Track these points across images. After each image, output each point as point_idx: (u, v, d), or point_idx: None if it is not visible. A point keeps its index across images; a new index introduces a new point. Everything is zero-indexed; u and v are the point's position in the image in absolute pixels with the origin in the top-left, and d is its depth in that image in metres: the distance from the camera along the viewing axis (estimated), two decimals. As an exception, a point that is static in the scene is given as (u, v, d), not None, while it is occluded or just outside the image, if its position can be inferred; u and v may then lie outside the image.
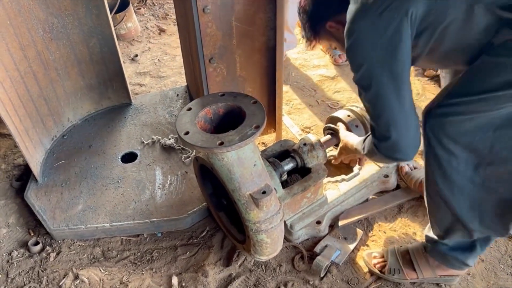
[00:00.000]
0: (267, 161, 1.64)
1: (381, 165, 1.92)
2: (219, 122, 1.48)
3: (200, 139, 1.30)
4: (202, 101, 1.46)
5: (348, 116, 1.78)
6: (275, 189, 1.47)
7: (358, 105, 1.83)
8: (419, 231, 1.74)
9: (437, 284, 1.54)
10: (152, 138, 2.12)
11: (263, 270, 1.63)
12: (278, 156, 1.76)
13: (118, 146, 2.10)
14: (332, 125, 1.80)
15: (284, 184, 1.69)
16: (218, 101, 1.46)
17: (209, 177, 1.73)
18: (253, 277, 1.61)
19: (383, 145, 1.21)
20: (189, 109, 1.43)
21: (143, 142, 2.11)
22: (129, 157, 2.06)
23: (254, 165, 1.39)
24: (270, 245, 1.47)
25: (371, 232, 1.76)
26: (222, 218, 1.74)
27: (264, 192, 1.37)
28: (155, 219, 1.77)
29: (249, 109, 1.39)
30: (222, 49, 1.72)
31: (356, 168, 1.91)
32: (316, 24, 1.33)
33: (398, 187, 1.90)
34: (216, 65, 1.77)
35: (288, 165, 1.68)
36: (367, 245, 1.71)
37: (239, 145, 1.27)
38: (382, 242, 1.71)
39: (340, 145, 1.68)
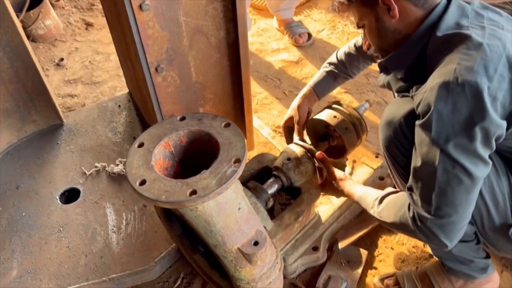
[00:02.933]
0: (246, 187, 1.32)
1: (374, 166, 1.66)
2: (183, 155, 1.14)
3: (163, 189, 0.96)
4: (156, 132, 1.11)
5: (335, 117, 1.49)
6: (265, 227, 1.16)
7: (340, 102, 1.54)
8: (429, 240, 1.51)
9: (465, 307, 1.32)
10: (96, 167, 1.74)
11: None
12: (257, 176, 1.45)
13: (54, 182, 1.70)
14: (326, 120, 1.48)
15: (271, 212, 1.38)
16: (178, 128, 1.11)
17: (176, 217, 1.39)
18: (248, 333, 1.32)
19: (434, 221, 1.00)
20: (141, 144, 1.08)
21: (85, 173, 1.72)
22: (69, 195, 1.68)
23: (239, 209, 1.08)
24: (269, 300, 1.17)
25: (377, 250, 1.51)
26: (198, 262, 1.42)
27: (256, 243, 1.06)
28: (114, 275, 1.43)
29: (221, 136, 1.06)
30: (170, 53, 1.36)
31: (347, 171, 1.63)
32: None
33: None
34: (165, 74, 1.40)
35: (273, 189, 1.38)
36: (375, 268, 1.46)
37: (218, 192, 0.95)
38: (391, 261, 1.47)
39: (329, 182, 1.38)
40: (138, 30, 1.25)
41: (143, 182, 0.99)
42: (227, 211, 1.05)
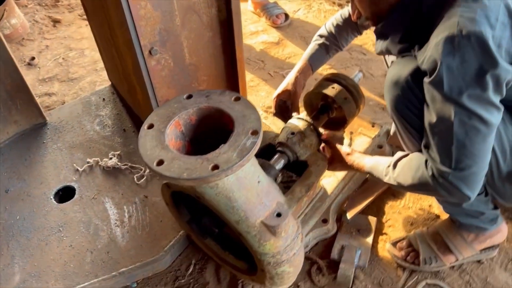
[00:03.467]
0: (254, 165, 1.30)
1: (373, 135, 1.67)
2: (193, 135, 1.11)
3: (184, 167, 0.93)
4: (164, 112, 1.07)
5: (333, 88, 1.48)
6: (281, 202, 1.15)
7: (336, 73, 1.53)
8: (432, 201, 1.54)
9: (478, 261, 1.36)
10: (88, 162, 1.68)
11: (280, 298, 1.33)
12: (261, 154, 1.43)
13: (46, 182, 1.63)
14: (325, 92, 1.46)
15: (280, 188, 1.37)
16: (186, 106, 1.08)
17: (184, 202, 1.36)
18: (270, 310, 1.31)
19: (455, 174, 1.00)
20: (150, 126, 1.04)
21: (78, 170, 1.66)
22: (64, 194, 1.61)
23: (258, 182, 1.06)
24: (293, 274, 1.17)
25: (384, 216, 1.52)
26: (210, 246, 1.39)
27: (279, 215, 1.05)
28: (124, 269, 1.38)
29: (233, 110, 1.04)
30: (163, 34, 1.32)
31: (345, 143, 1.64)
32: None
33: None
34: (159, 56, 1.36)
35: (280, 164, 1.36)
36: (385, 234, 1.48)
37: (240, 164, 0.92)
38: (400, 225, 1.49)
39: (336, 159, 1.37)
40: (130, 12, 1.20)
41: (160, 162, 0.95)
42: (248, 185, 1.03)
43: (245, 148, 0.95)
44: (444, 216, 1.47)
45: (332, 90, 1.48)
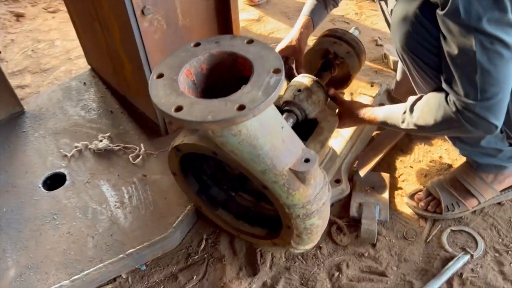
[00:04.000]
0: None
1: (373, 94, 1.64)
2: (205, 86, 1.02)
3: (207, 110, 0.85)
4: (172, 61, 0.98)
5: (334, 43, 1.44)
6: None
7: (335, 29, 1.49)
8: (442, 153, 1.51)
9: (499, 204, 1.33)
10: (76, 147, 1.55)
11: (303, 262, 1.26)
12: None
13: (31, 171, 1.50)
14: (326, 47, 1.41)
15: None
16: (196, 54, 0.99)
17: (193, 171, 1.28)
18: (295, 274, 1.24)
19: (482, 105, 0.97)
20: (160, 75, 0.95)
21: (66, 155, 1.53)
22: (54, 182, 1.48)
23: (282, 127, 0.99)
24: (321, 228, 1.10)
25: (397, 171, 1.48)
26: (222, 217, 1.31)
27: (307, 160, 0.98)
28: (131, 250, 1.27)
29: (248, 53, 0.96)
30: (156, -9, 1.23)
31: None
32: None
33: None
34: (151, 17, 1.27)
35: (289, 124, 1.29)
36: (400, 188, 1.43)
37: (267, 103, 0.85)
38: (414, 179, 1.45)
39: (346, 114, 1.32)
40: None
41: (179, 108, 0.86)
42: (272, 130, 0.96)
43: (270, 87, 0.87)
44: (456, 164, 1.45)
45: (333, 45, 1.43)
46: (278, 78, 0.89)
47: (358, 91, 1.65)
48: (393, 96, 1.67)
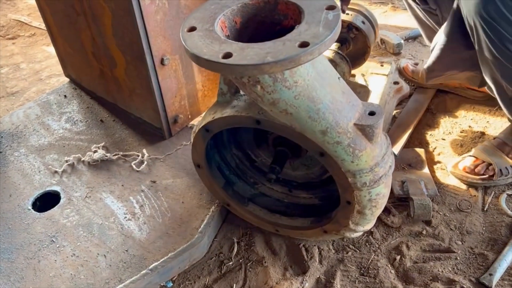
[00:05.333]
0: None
1: (385, 72, 1.55)
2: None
3: (263, 52, 0.71)
4: (201, 15, 0.84)
5: (347, 14, 1.35)
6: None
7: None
8: (470, 122, 1.43)
9: (549, 162, 1.25)
10: (67, 161, 1.35)
11: (356, 251, 1.11)
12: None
13: (17, 193, 1.27)
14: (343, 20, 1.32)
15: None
16: (227, 5, 0.85)
17: (217, 163, 1.12)
18: (351, 265, 1.08)
19: None
20: (192, 29, 0.80)
21: (56, 172, 1.33)
22: (45, 201, 1.27)
23: (339, 78, 0.86)
24: (385, 198, 0.96)
25: (429, 146, 1.38)
26: (255, 212, 1.14)
27: (372, 113, 0.85)
28: (155, 263, 1.07)
29: (290, -3, 0.83)
30: (156, -37, 1.10)
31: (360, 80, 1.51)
32: None
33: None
34: (153, -6, 1.13)
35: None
36: (439, 162, 1.33)
37: (333, 38, 0.73)
38: (450, 150, 1.35)
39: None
40: None
41: (228, 55, 0.72)
42: (329, 80, 0.83)
43: (330, 22, 0.75)
44: (488, 131, 1.37)
45: (348, 16, 1.34)
46: (336, 13, 0.76)
47: (370, 71, 1.57)
48: (403, 73, 1.60)
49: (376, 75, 1.55)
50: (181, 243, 1.11)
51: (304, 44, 0.71)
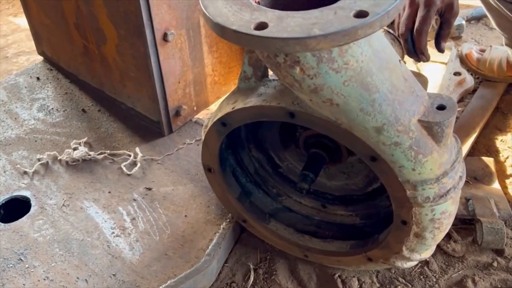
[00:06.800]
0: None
1: (444, 59, 1.54)
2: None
3: (307, 23, 0.68)
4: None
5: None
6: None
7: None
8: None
9: None
10: (40, 159, 1.34)
11: (408, 285, 1.08)
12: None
13: (-25, 197, 1.26)
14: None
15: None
16: (257, -34, 0.83)
17: (231, 166, 1.11)
18: (402, 303, 1.05)
19: None
20: (214, -7, 0.78)
21: (26, 172, 1.31)
22: (13, 210, 1.25)
23: (400, 60, 0.84)
24: (452, 218, 0.93)
25: (500, 154, 1.36)
26: (277, 232, 1.13)
27: (441, 107, 0.83)
28: (150, 293, 1.05)
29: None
30: None
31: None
32: None
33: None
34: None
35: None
36: (512, 175, 1.30)
37: (397, 7, 0.70)
38: (527, 160, 1.32)
39: None
40: None
41: (262, 26, 0.69)
42: (388, 63, 0.80)
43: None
44: None
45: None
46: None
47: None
48: (465, 62, 1.58)
49: (432, 63, 1.54)
50: (184, 267, 1.09)
51: (361, 14, 0.68)
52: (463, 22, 1.78)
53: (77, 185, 1.28)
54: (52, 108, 1.51)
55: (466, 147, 1.33)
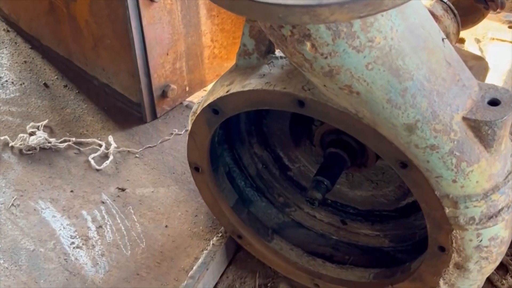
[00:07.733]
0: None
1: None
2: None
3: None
4: None
5: None
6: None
7: None
8: None
9: None
10: (-14, 145, 1.39)
11: (447, 329, 1.09)
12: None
13: None
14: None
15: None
16: None
17: (227, 165, 1.16)
18: None
19: None
20: None
21: (-32, 161, 1.36)
22: None
23: (443, 39, 0.85)
24: (506, 246, 0.96)
25: None
26: (281, 253, 1.17)
27: (495, 103, 0.84)
28: (115, 323, 1.08)
29: None
30: None
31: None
32: None
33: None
34: None
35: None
36: None
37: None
38: None
39: None
40: None
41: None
42: (427, 42, 0.81)
43: None
44: None
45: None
46: None
47: (489, 35, 1.59)
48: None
49: (499, 42, 1.56)
50: (159, 293, 1.13)
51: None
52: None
53: (32, 180, 1.34)
54: (6, 81, 1.58)
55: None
